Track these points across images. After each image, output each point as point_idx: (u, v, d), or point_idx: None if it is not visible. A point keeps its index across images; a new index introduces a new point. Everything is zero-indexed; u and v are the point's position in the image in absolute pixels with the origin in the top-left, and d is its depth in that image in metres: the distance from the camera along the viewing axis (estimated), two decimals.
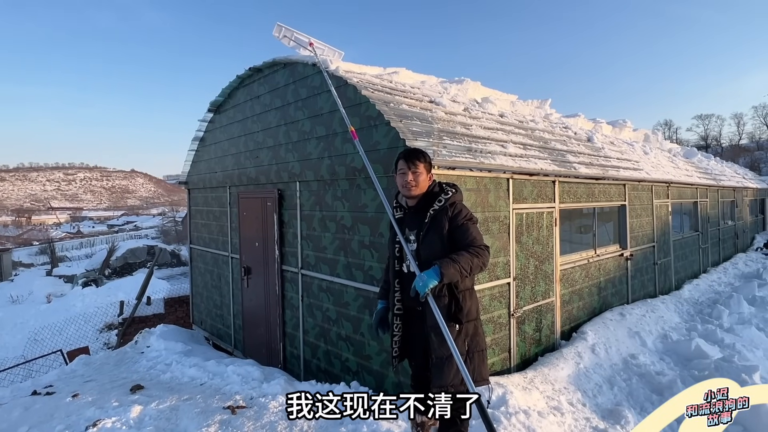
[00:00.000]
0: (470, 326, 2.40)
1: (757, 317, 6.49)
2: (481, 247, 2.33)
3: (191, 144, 7.35)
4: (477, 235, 2.39)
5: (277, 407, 3.46)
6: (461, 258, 2.25)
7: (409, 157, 2.51)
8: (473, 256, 2.27)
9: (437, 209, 2.45)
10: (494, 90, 6.48)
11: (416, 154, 2.54)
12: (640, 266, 6.92)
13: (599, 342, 4.84)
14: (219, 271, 6.72)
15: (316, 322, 4.63)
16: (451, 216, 2.41)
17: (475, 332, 2.42)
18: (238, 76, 5.89)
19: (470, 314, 2.41)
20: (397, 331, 2.55)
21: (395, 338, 2.55)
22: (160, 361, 5.36)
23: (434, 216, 2.44)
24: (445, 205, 2.45)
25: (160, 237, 42.00)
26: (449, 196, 2.48)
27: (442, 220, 2.41)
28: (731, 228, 12.45)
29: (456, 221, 2.40)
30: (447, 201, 2.46)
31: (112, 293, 13.87)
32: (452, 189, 2.53)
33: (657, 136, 11.35)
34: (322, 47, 4.47)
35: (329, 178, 4.36)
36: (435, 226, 2.41)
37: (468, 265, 2.25)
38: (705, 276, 9.27)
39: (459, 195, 2.54)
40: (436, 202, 2.46)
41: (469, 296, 2.43)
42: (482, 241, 2.38)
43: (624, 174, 6.38)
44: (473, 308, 2.45)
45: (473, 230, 2.39)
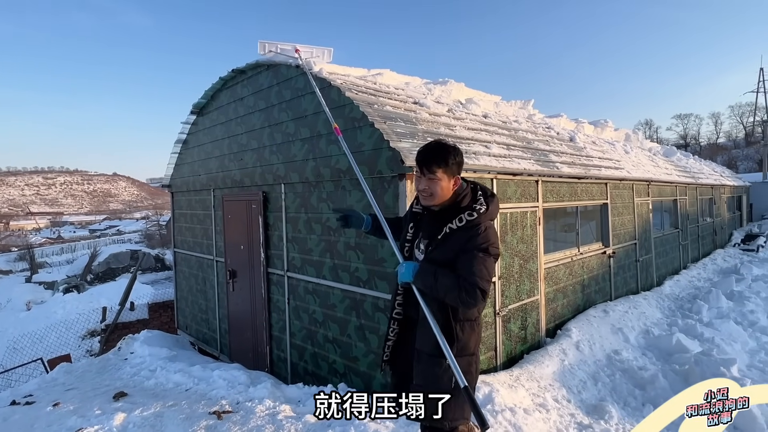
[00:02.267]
0: (462, 362, 1.95)
1: (735, 311, 6.66)
2: (475, 287, 1.86)
3: (174, 146, 7.26)
4: (478, 271, 1.88)
5: (264, 411, 3.44)
6: (445, 279, 1.88)
7: (425, 161, 1.99)
8: (460, 290, 1.86)
9: (455, 229, 1.97)
10: (478, 91, 6.54)
11: (434, 156, 1.99)
12: (622, 263, 7.04)
13: (583, 339, 4.92)
14: (204, 275, 6.64)
15: (303, 325, 4.61)
16: (467, 239, 1.95)
17: (467, 370, 1.97)
18: (221, 78, 5.84)
19: (465, 349, 2.00)
20: (392, 336, 2.24)
21: (389, 343, 2.25)
22: (144, 368, 5.28)
23: (448, 236, 1.99)
24: (466, 225, 1.97)
25: (144, 241, 41.31)
26: (474, 218, 1.97)
27: (457, 243, 1.96)
28: (710, 225, 12.75)
29: (467, 246, 1.93)
30: (470, 222, 1.97)
31: (95, 299, 13.62)
32: (485, 204, 2.01)
33: (638, 135, 11.57)
34: (309, 50, 4.48)
35: (314, 180, 4.35)
36: (445, 248, 1.98)
37: (443, 292, 1.88)
38: (685, 272, 9.48)
39: (490, 213, 2.03)
40: (457, 219, 1.98)
41: (469, 328, 2.01)
42: (482, 282, 1.88)
43: (606, 173, 6.49)
44: (471, 342, 2.03)
45: (479, 265, 1.89)
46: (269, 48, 4.63)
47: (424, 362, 2.02)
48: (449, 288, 1.87)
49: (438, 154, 1.98)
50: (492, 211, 2.03)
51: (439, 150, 2.00)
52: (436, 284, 1.89)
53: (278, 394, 3.90)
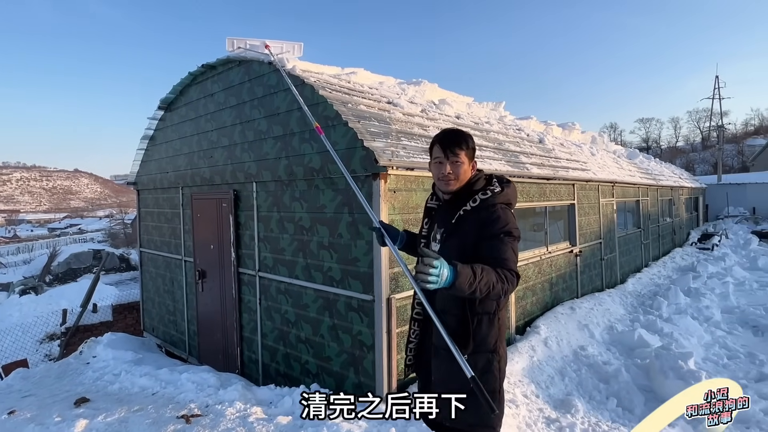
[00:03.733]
0: (481, 359, 1.86)
1: (692, 307, 7.00)
2: (511, 271, 1.75)
3: (140, 143, 7.02)
4: (510, 256, 1.79)
5: (235, 414, 3.38)
6: (485, 275, 1.66)
7: (447, 143, 1.96)
8: (499, 280, 1.70)
9: (469, 210, 1.91)
10: (451, 92, 6.61)
11: (456, 138, 1.98)
12: (588, 262, 7.28)
13: (551, 335, 5.05)
14: (171, 276, 6.46)
15: (275, 325, 4.55)
16: (483, 221, 1.85)
17: (486, 368, 1.87)
18: (191, 73, 5.68)
19: (484, 344, 1.88)
20: (413, 338, 2.12)
21: (411, 345, 2.14)
22: (107, 372, 5.08)
23: (463, 218, 1.91)
24: (480, 205, 1.90)
25: (108, 240, 39.85)
26: (488, 196, 1.92)
27: (472, 225, 1.87)
28: (669, 225, 13.34)
29: (488, 230, 1.83)
30: (486, 201, 1.91)
31: (54, 301, 12.99)
32: (500, 186, 1.96)
33: (603, 138, 11.98)
34: (279, 45, 4.42)
35: (287, 179, 4.30)
36: (460, 232, 1.90)
37: (487, 288, 1.67)
38: (647, 270, 9.89)
39: (506, 195, 1.96)
40: (471, 201, 1.93)
41: (488, 321, 1.89)
42: (514, 265, 1.79)
43: (573, 174, 6.69)
44: (491, 337, 1.90)
45: (507, 248, 1.80)
46: (237, 44, 4.56)
47: (442, 357, 1.93)
48: (492, 283, 1.67)
49: (459, 137, 1.99)
50: (508, 194, 1.96)
51: (460, 133, 2.01)
52: (479, 284, 1.64)
53: (249, 396, 3.83)
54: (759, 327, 6.29)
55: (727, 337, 5.96)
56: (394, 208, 3.59)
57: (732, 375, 4.77)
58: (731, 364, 5.09)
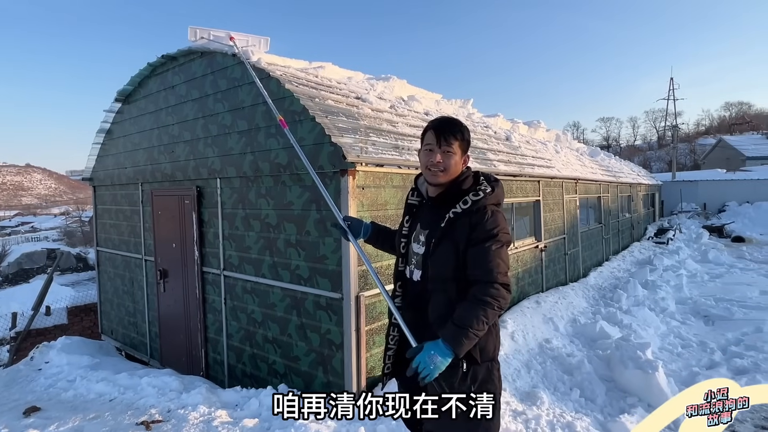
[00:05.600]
0: (481, 369, 1.76)
1: (649, 299, 7.31)
2: (495, 285, 1.66)
3: (96, 136, 6.68)
4: (496, 265, 1.68)
5: (198, 418, 3.27)
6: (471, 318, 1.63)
7: (442, 130, 1.83)
8: (486, 307, 1.64)
9: (459, 213, 1.78)
10: (420, 89, 6.62)
11: (452, 127, 1.85)
12: (553, 257, 7.48)
13: (518, 329, 5.16)
14: (131, 275, 6.19)
15: (241, 326, 4.43)
16: (474, 225, 1.74)
17: (487, 378, 1.78)
18: (150, 64, 5.44)
19: (485, 353, 1.77)
20: (392, 344, 1.99)
21: (389, 352, 2.00)
22: (61, 378, 4.82)
23: (453, 221, 1.78)
24: (471, 208, 1.78)
25: (64, 239, 37.93)
26: (480, 197, 1.79)
27: (463, 229, 1.76)
28: (628, 220, 13.91)
29: (475, 235, 1.73)
30: (477, 203, 1.78)
31: (4, 303, 12.25)
32: (490, 186, 1.85)
33: (567, 136, 12.32)
34: (245, 38, 4.28)
35: (252, 175, 4.18)
36: (452, 236, 1.77)
37: (483, 325, 1.64)
38: (607, 264, 10.27)
39: (496, 195, 1.85)
40: (461, 202, 1.79)
41: (487, 331, 1.74)
42: (502, 276, 1.69)
43: (538, 171, 6.84)
44: (489, 345, 1.79)
45: (494, 256, 1.69)
46: (201, 34, 4.39)
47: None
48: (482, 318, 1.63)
49: (455, 125, 1.86)
50: (498, 194, 1.86)
51: (456, 122, 1.88)
52: (474, 331, 1.63)
53: (214, 399, 3.72)
54: (710, 317, 6.65)
55: (681, 327, 6.26)
56: (362, 205, 3.55)
57: (685, 363, 5.01)
58: (685, 352, 5.35)
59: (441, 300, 1.78)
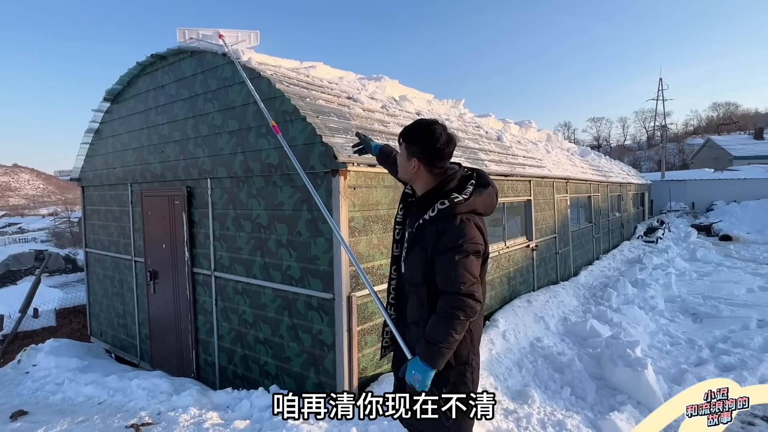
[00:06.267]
0: (453, 374, 1.80)
1: (638, 297, 7.39)
2: (459, 296, 1.68)
3: (84, 136, 6.60)
4: (459, 276, 1.69)
5: (189, 420, 3.24)
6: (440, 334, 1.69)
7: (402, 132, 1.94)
8: (453, 320, 1.67)
9: (427, 220, 1.79)
10: (412, 88, 6.62)
11: (403, 130, 1.94)
12: (544, 256, 7.53)
13: (509, 328, 5.18)
14: (121, 277, 6.12)
15: (232, 327, 4.41)
16: (438, 233, 1.75)
17: (459, 381, 1.81)
18: (139, 63, 5.38)
19: (458, 357, 1.80)
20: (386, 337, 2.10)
21: (387, 328, 2.05)
22: (49, 381, 4.76)
23: (422, 228, 1.80)
24: (438, 216, 1.77)
25: (52, 240, 37.39)
26: (446, 206, 1.77)
27: (431, 237, 1.77)
28: (618, 219, 14.05)
29: (441, 244, 1.74)
30: (442, 212, 1.76)
31: None
32: (467, 194, 1.80)
33: (558, 136, 12.41)
34: (234, 34, 4.25)
35: (243, 175, 4.16)
36: (421, 243, 1.81)
37: (453, 337, 1.68)
38: (598, 263, 10.36)
39: (471, 203, 1.80)
40: (431, 209, 1.79)
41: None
42: (466, 287, 1.68)
43: (529, 171, 6.88)
44: (463, 351, 1.81)
45: (457, 266, 1.69)
46: (189, 35, 4.36)
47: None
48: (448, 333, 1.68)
49: (404, 130, 1.94)
50: (473, 202, 1.80)
51: (409, 127, 1.94)
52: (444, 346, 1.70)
53: (205, 401, 3.70)
54: (698, 314, 6.74)
55: (670, 324, 6.34)
56: (354, 205, 3.55)
57: (674, 361, 5.07)
58: (674, 350, 5.41)
59: (415, 303, 1.88)
